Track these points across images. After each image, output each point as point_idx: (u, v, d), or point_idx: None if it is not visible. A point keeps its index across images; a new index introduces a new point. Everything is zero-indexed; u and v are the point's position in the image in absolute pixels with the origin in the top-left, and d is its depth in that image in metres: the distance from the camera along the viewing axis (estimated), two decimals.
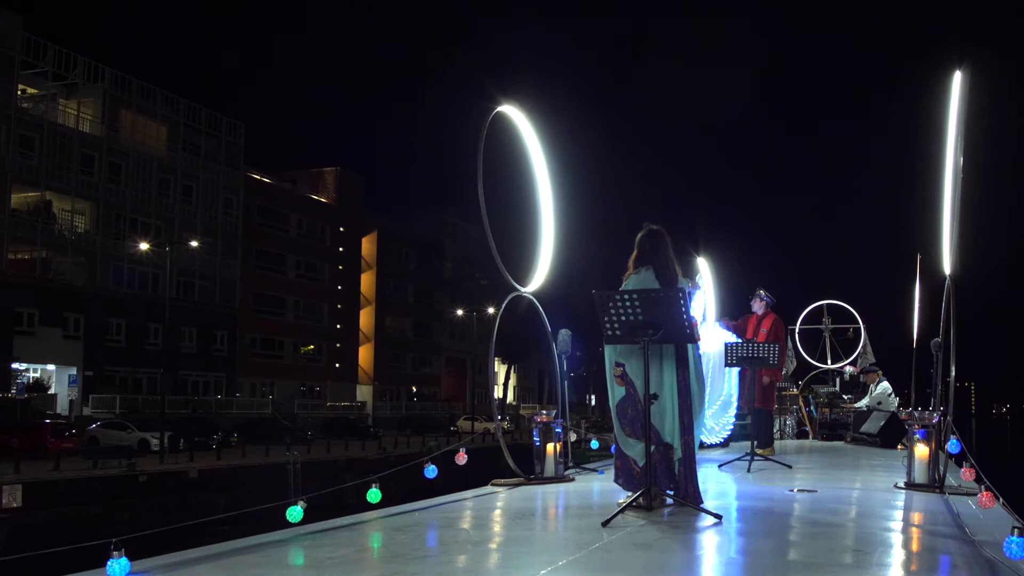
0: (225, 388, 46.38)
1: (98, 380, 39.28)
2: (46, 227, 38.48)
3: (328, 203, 56.67)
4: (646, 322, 4.78)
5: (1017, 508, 4.75)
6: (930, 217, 5.87)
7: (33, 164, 37.99)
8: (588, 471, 7.16)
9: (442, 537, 4.48)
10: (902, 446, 9.89)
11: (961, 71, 5.62)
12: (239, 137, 48.74)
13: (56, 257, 39.41)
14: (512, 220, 6.05)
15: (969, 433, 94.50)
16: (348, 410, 52.76)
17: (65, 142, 39.35)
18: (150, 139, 43.69)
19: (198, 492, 24.92)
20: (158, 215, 43.41)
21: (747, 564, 3.86)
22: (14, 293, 36.20)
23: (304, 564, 3.75)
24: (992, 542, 4.05)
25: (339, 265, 56.77)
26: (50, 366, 38.50)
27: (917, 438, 6.13)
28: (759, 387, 9.11)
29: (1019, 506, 4.87)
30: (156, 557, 3.54)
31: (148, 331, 42.38)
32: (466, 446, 6.32)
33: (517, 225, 5.77)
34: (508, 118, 5.62)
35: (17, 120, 37.41)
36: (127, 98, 42.62)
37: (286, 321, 53.05)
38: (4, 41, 37.23)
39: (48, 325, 37.80)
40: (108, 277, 40.94)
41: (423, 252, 64.89)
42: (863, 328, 15.30)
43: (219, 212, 46.87)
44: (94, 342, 39.56)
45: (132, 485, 24.64)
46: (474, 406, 60.17)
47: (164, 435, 29.59)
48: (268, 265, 51.41)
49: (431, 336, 65.80)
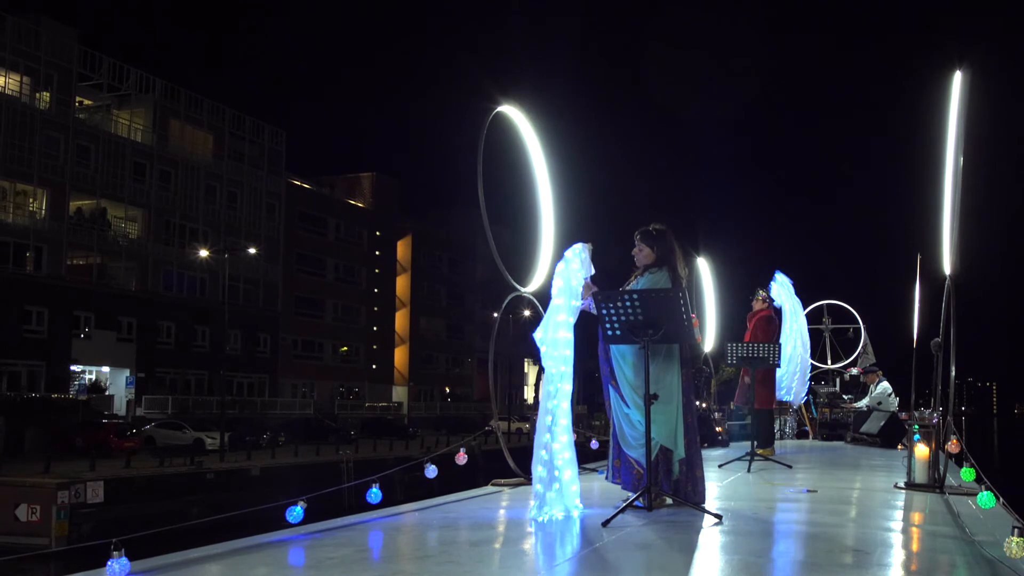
0: (268, 389, 46.79)
1: (150, 381, 39.83)
2: (101, 234, 39.13)
3: (365, 208, 56.99)
4: (646, 322, 4.66)
5: (1017, 508, 4.58)
6: (930, 217, 5.70)
7: (89, 173, 38.66)
8: (588, 471, 7.04)
9: (442, 537, 4.39)
10: (902, 446, 9.69)
11: (961, 71, 5.44)
12: (280, 144, 49.19)
13: (110, 262, 40.08)
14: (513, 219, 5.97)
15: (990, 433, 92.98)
16: (386, 410, 52.96)
17: (119, 151, 39.99)
18: (197, 147, 44.25)
19: (263, 488, 25.18)
20: (205, 221, 43.93)
21: (747, 564, 3.75)
22: (73, 297, 36.89)
23: (304, 564, 3.68)
24: (992, 542, 3.93)
25: (375, 268, 57.05)
26: (105, 368, 39.12)
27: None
28: (758, 387, 8.92)
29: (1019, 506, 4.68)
30: (156, 557, 3.49)
31: (196, 334, 42.92)
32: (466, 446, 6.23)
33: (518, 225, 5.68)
34: (508, 118, 5.52)
35: (75, 131, 38.10)
36: (176, 108, 43.21)
37: (325, 323, 53.41)
38: (63, 55, 37.92)
39: (103, 328, 38.42)
40: (159, 281, 41.51)
41: (455, 255, 65.02)
42: (863, 328, 14.99)
43: (262, 217, 47.34)
44: (146, 344, 40.15)
45: (201, 482, 25.19)
46: (509, 407, 60.08)
47: (224, 435, 30.00)
48: (308, 269, 51.79)
49: (463, 337, 65.88)
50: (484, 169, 5.32)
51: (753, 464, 7.55)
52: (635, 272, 5.27)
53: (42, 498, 20.33)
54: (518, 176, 5.60)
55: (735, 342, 8.33)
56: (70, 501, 20.62)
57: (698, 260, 10.21)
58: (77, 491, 20.96)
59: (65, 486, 20.81)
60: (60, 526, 20.25)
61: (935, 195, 5.63)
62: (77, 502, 20.81)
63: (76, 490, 20.96)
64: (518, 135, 5.60)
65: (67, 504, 20.54)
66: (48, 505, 20.24)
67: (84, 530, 20.31)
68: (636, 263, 5.27)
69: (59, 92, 37.63)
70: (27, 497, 20.40)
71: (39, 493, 20.47)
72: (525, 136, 5.60)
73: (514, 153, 5.57)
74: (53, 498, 20.31)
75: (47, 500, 20.29)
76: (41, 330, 35.84)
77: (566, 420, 4.81)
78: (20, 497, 20.42)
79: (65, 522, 20.39)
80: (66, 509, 20.50)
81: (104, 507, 21.31)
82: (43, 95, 37.31)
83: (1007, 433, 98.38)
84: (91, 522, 20.66)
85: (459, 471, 6.14)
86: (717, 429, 10.81)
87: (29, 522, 20.16)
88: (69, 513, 20.54)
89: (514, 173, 5.62)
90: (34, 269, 36.25)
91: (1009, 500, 5.21)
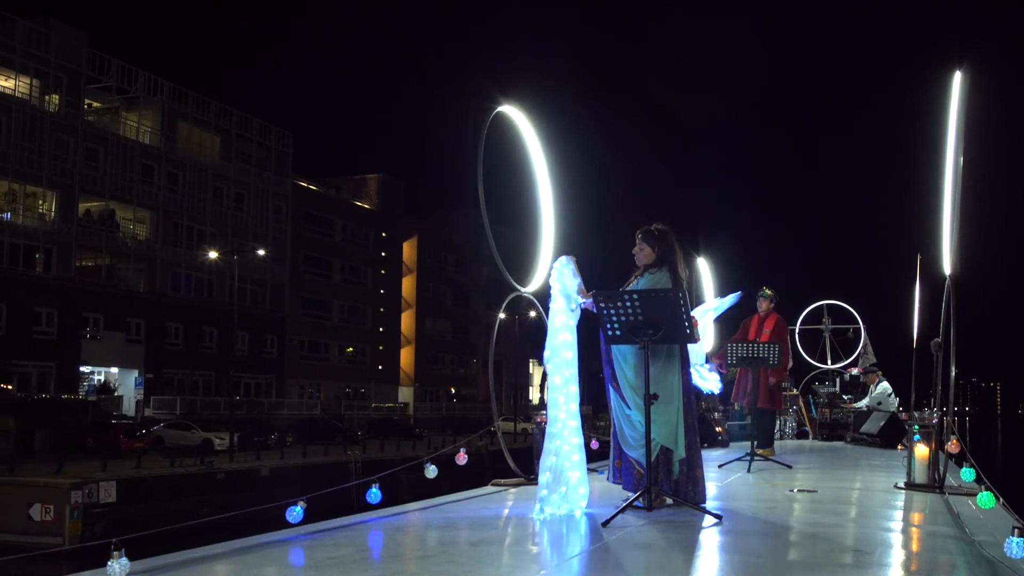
0: (275, 390, 46.83)
1: (158, 382, 39.91)
2: (110, 235, 39.23)
3: (371, 209, 57.02)
4: (646, 322, 4.65)
5: (1018, 508, 4.55)
6: (930, 217, 5.67)
7: (98, 175, 38.76)
8: (588, 471, 7.04)
9: (442, 537, 4.37)
10: (902, 446, 9.63)
11: (961, 71, 5.41)
12: (287, 146, 49.23)
13: (119, 264, 40.17)
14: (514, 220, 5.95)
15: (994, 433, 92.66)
16: (392, 411, 52.94)
17: (127, 153, 40.08)
18: (205, 149, 44.32)
19: (273, 488, 25.22)
20: (213, 223, 44.00)
21: (747, 564, 3.74)
22: (82, 299, 37.01)
23: (304, 564, 3.67)
24: (992, 542, 3.91)
25: (381, 269, 57.08)
26: (114, 369, 39.22)
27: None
28: (764, 388, 8.87)
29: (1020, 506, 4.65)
30: (156, 557, 3.48)
31: (204, 335, 42.99)
32: (470, 446, 6.21)
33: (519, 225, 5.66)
34: (508, 117, 5.51)
35: (83, 133, 38.21)
36: (184, 110, 43.29)
37: (331, 324, 53.44)
38: (72, 58, 38.04)
39: (112, 329, 38.53)
40: (167, 283, 41.60)
41: (461, 256, 65.00)
42: (863, 328, 14.92)
43: (269, 219, 47.39)
44: (154, 345, 40.24)
45: (212, 482, 25.22)
46: (515, 408, 60.03)
47: (233, 435, 30.06)
48: (314, 270, 51.83)
49: (469, 338, 65.86)
50: (485, 169, 5.30)
51: (753, 464, 7.51)
52: (635, 272, 5.25)
53: (56, 498, 20.43)
54: (518, 176, 5.59)
55: (736, 342, 8.28)
56: (83, 501, 20.72)
57: (698, 260, 10.16)
58: (90, 491, 21.05)
59: (79, 486, 20.91)
60: (74, 526, 20.34)
61: (935, 195, 5.60)
62: (90, 502, 20.89)
63: (89, 490, 21.05)
64: (518, 135, 5.58)
65: (80, 504, 20.63)
66: (62, 505, 20.33)
67: (97, 529, 20.36)
68: (636, 262, 5.24)
69: (68, 95, 37.75)
70: (41, 497, 20.50)
71: (53, 493, 20.57)
72: (525, 136, 5.58)
73: (514, 153, 5.55)
74: (67, 498, 20.41)
75: (61, 500, 20.39)
76: (51, 331, 35.97)
77: (575, 422, 4.82)
78: (34, 497, 20.52)
79: (79, 522, 20.48)
80: (79, 509, 20.59)
81: (116, 507, 21.38)
82: (52, 98, 37.43)
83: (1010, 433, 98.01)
84: (104, 522, 20.69)
85: (464, 471, 6.13)
86: (717, 429, 10.76)
87: (43, 521, 20.25)
88: (82, 513, 20.63)
89: (515, 173, 5.60)
90: (44, 271, 36.37)
91: (1010, 500, 5.18)
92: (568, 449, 4.76)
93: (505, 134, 5.49)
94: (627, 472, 5.03)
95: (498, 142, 5.43)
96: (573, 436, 4.80)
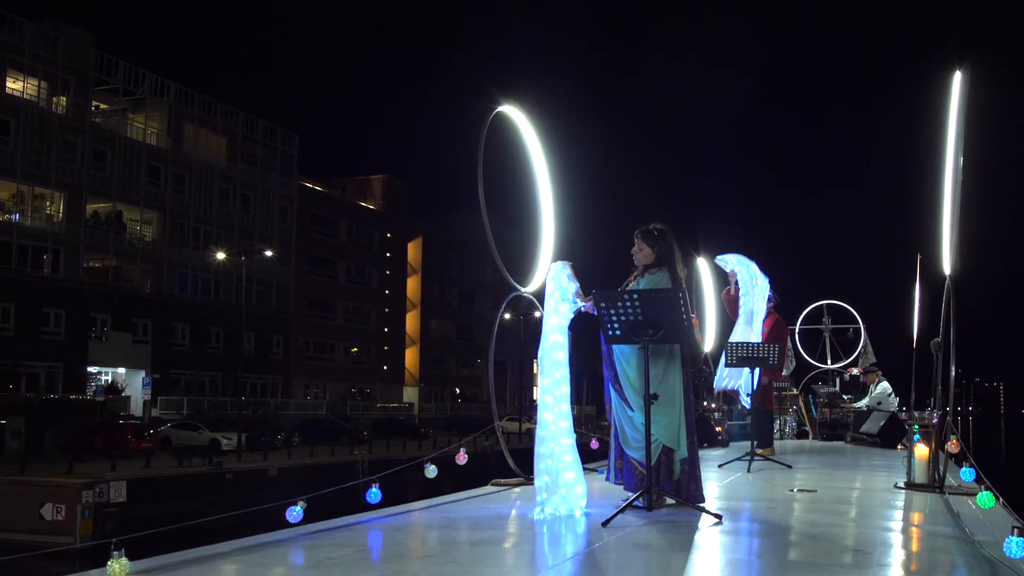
0: (281, 390, 46.87)
1: (165, 382, 39.98)
2: (117, 236, 39.31)
3: (376, 210, 57.06)
4: (646, 322, 4.63)
5: (1018, 508, 4.52)
6: (930, 217, 5.64)
7: (105, 176, 38.86)
8: (588, 471, 7.02)
9: (442, 537, 4.36)
10: (902, 446, 9.58)
11: (961, 71, 5.38)
12: (293, 147, 49.29)
13: (126, 265, 40.25)
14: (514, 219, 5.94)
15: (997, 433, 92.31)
16: (397, 411, 52.94)
17: (134, 155, 40.18)
18: (211, 151, 44.38)
19: (281, 488, 25.20)
20: (219, 223, 44.05)
21: (747, 564, 3.73)
22: (89, 300, 37.10)
23: (304, 564, 3.66)
24: (992, 542, 3.89)
25: (386, 270, 57.09)
26: (121, 369, 39.27)
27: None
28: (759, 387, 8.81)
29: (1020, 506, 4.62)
30: (156, 557, 3.47)
31: (210, 335, 43.03)
32: (473, 445, 6.20)
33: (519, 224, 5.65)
34: (509, 117, 5.49)
35: (91, 134, 38.30)
36: (190, 111, 43.36)
37: (337, 325, 53.46)
38: (79, 60, 38.13)
39: (119, 330, 38.61)
40: (173, 283, 41.67)
41: (465, 256, 64.98)
42: (863, 328, 14.87)
43: (275, 220, 47.44)
44: (161, 346, 40.31)
45: (221, 482, 25.28)
46: (520, 408, 60.01)
47: (241, 436, 30.11)
48: (320, 271, 51.87)
49: (473, 338, 65.84)
50: (485, 169, 5.29)
51: (753, 464, 7.49)
52: (635, 272, 5.22)
53: (67, 498, 20.50)
54: (519, 176, 5.57)
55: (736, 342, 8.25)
56: (94, 500, 20.79)
57: (698, 260, 10.12)
58: (101, 490, 21.13)
59: (89, 486, 20.97)
60: (84, 525, 20.42)
61: (935, 195, 5.57)
62: (101, 501, 20.97)
63: (100, 489, 21.14)
64: (519, 135, 5.57)
65: (91, 503, 20.72)
66: (73, 504, 20.41)
67: (107, 529, 20.40)
68: (635, 262, 5.21)
69: (76, 96, 37.85)
70: (52, 496, 20.58)
71: (64, 493, 20.64)
72: (526, 136, 5.57)
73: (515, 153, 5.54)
74: (78, 497, 20.49)
75: (72, 499, 20.46)
76: (59, 332, 36.08)
77: (567, 423, 4.80)
78: (45, 496, 20.60)
79: (89, 521, 20.55)
80: (90, 508, 20.67)
81: (126, 506, 21.46)
82: (60, 100, 37.53)
83: (1013, 433, 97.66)
84: (114, 521, 20.77)
85: (468, 471, 6.11)
86: (717, 429, 10.72)
87: (54, 521, 20.33)
88: (93, 512, 20.70)
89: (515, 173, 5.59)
90: (51, 272, 36.46)
91: (1011, 500, 5.16)
92: (560, 449, 4.75)
93: (505, 134, 5.48)
94: (629, 473, 5.01)
95: (498, 142, 5.41)
96: (564, 436, 4.79)
